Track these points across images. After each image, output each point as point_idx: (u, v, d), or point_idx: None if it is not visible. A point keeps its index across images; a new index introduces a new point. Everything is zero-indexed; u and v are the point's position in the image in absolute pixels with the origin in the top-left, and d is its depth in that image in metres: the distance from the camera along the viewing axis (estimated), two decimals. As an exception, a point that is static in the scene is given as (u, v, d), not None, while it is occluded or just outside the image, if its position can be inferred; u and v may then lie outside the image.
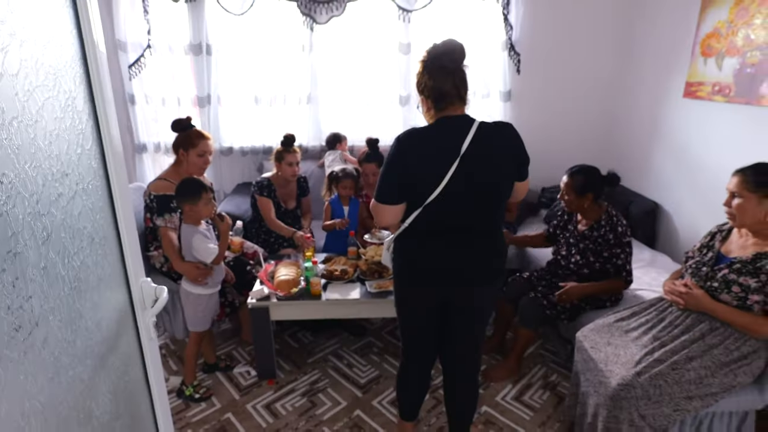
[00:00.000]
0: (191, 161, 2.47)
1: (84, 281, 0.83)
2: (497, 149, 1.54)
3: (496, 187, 1.56)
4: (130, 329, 1.04)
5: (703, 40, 2.85)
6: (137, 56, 3.54)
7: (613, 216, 2.27)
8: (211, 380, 2.45)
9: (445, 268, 1.61)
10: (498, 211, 1.63)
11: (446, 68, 1.52)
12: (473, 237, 1.60)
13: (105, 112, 0.93)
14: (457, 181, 1.49)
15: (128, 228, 1.01)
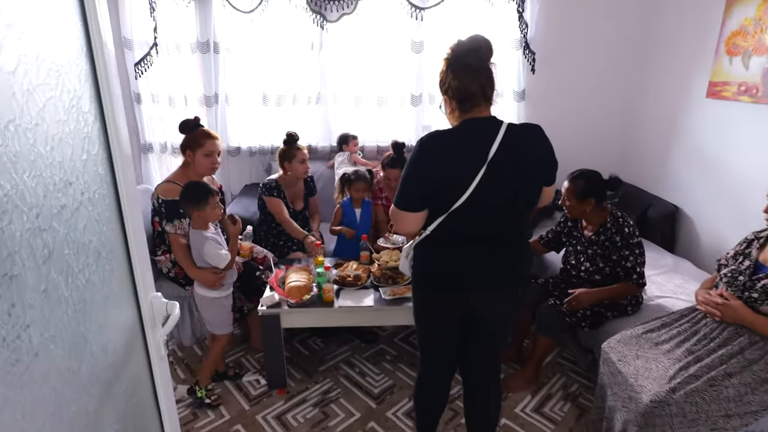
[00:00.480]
0: (198, 162, 2.39)
1: (89, 301, 0.75)
2: (526, 153, 1.45)
3: (526, 193, 1.49)
4: (140, 349, 0.96)
5: (729, 38, 2.74)
6: (143, 54, 3.46)
7: (618, 218, 2.20)
8: (221, 389, 2.37)
9: (469, 275, 1.53)
10: (525, 216, 1.56)
11: (471, 66, 1.43)
12: (499, 243, 1.52)
13: (113, 112, 0.84)
14: (484, 187, 1.41)
15: (137, 239, 0.93)
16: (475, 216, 1.46)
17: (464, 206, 1.43)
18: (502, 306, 1.62)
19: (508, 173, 1.43)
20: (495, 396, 1.79)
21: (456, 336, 1.67)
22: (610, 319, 2.28)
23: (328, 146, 3.74)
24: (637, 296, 2.30)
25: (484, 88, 1.44)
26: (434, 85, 3.59)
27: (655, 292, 2.49)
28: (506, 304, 1.64)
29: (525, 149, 1.45)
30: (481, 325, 1.65)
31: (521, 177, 1.45)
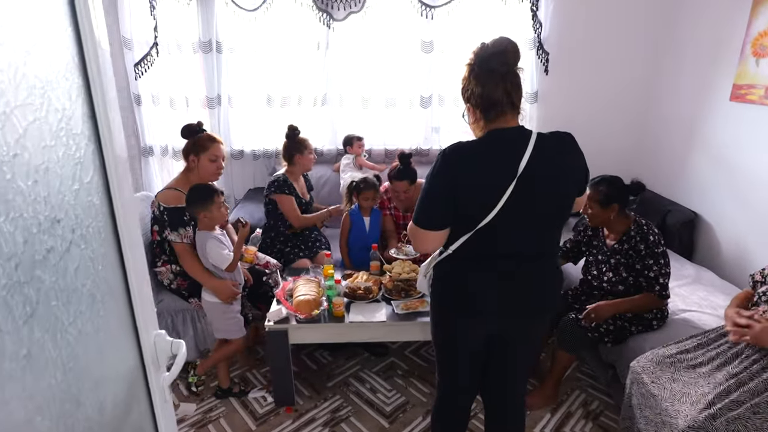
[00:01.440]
0: (203, 167, 2.29)
1: (82, 357, 0.64)
2: (559, 166, 1.35)
3: (558, 208, 1.39)
4: (141, 395, 0.85)
5: (755, 39, 2.63)
6: (143, 54, 3.35)
7: (643, 225, 2.09)
8: (225, 407, 2.27)
9: (494, 298, 1.42)
10: (557, 233, 1.46)
11: (496, 72, 1.32)
12: (529, 262, 1.41)
13: (110, 132, 0.73)
14: (513, 203, 1.30)
15: (138, 273, 0.82)
16: (504, 234, 1.35)
17: (491, 224, 1.32)
18: (530, 331, 1.52)
19: (540, 187, 1.32)
20: (519, 421, 1.69)
21: (479, 359, 1.57)
22: (634, 334, 2.18)
23: (335, 149, 3.63)
24: (663, 309, 2.19)
25: (510, 95, 1.33)
26: (444, 86, 3.51)
27: (680, 305, 2.38)
28: (535, 329, 1.53)
29: (557, 161, 1.34)
30: (506, 350, 1.54)
31: (554, 191, 1.35)
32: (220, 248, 2.10)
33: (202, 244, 2.12)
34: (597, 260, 2.26)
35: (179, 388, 2.39)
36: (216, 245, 2.10)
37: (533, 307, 1.46)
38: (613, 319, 2.14)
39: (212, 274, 2.16)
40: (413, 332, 2.21)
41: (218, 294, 2.14)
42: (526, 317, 1.47)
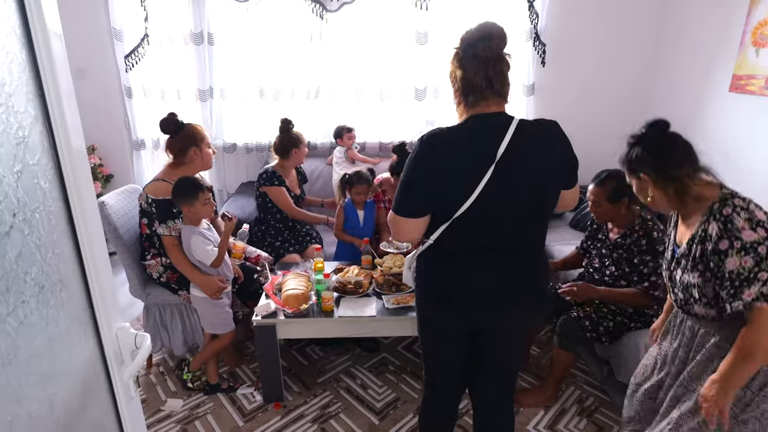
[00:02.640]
0: (206, 155, 2.29)
1: (24, 349, 0.60)
2: (540, 153, 1.29)
3: (539, 198, 1.33)
4: (103, 393, 0.81)
5: (755, 29, 2.57)
6: (134, 46, 3.30)
7: (648, 221, 2.04)
8: (213, 403, 2.23)
9: (475, 292, 1.37)
10: (541, 225, 1.40)
11: (479, 57, 1.27)
12: (510, 255, 1.35)
13: (61, 111, 0.69)
14: (492, 191, 1.26)
15: (97, 263, 0.77)
16: (483, 224, 1.31)
17: (469, 213, 1.27)
18: (512, 327, 1.47)
19: (519, 175, 1.27)
20: (508, 417, 1.64)
21: (463, 354, 1.53)
22: (631, 330, 2.13)
23: (329, 143, 3.58)
24: (661, 307, 2.14)
25: (492, 80, 1.28)
26: (439, 78, 3.46)
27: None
28: (517, 326, 1.48)
29: (537, 148, 1.29)
30: (490, 344, 1.50)
31: (534, 179, 1.29)
32: (204, 244, 2.07)
33: (186, 239, 2.08)
34: (600, 254, 2.22)
35: (167, 384, 2.36)
36: (200, 241, 2.07)
37: (514, 302, 1.41)
38: (613, 315, 2.10)
39: (198, 269, 2.12)
40: (404, 327, 2.17)
41: (204, 289, 2.11)
42: (506, 312, 1.42)
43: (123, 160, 3.62)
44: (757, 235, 1.19)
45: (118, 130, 3.55)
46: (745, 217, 1.22)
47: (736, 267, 1.20)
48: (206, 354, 2.27)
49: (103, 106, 3.47)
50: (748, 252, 1.19)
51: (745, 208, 1.24)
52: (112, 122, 3.52)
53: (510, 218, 1.32)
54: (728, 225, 1.22)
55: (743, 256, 1.19)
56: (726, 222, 1.23)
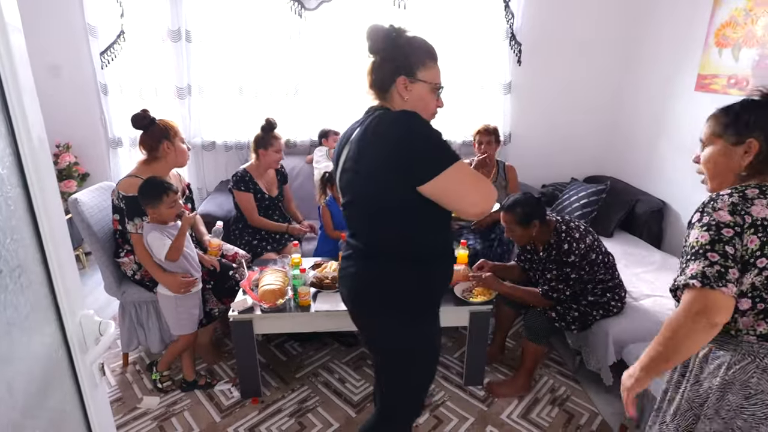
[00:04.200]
0: (179, 150, 2.26)
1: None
2: (369, 151, 1.22)
3: (369, 195, 1.27)
4: (66, 379, 0.82)
5: (718, 30, 2.67)
6: (110, 42, 3.27)
7: (561, 233, 2.08)
8: (190, 399, 2.23)
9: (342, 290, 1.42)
10: (381, 229, 1.28)
11: (369, 53, 1.32)
12: (357, 256, 1.34)
13: (19, 98, 0.70)
14: (342, 185, 1.34)
15: (59, 250, 0.78)
16: (347, 218, 1.38)
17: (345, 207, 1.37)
18: (378, 337, 1.40)
19: (354, 171, 1.26)
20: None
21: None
22: (597, 320, 2.20)
23: (308, 141, 3.59)
24: (621, 296, 2.21)
25: (372, 75, 1.32)
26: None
27: (645, 291, 2.42)
28: (384, 338, 1.37)
29: (370, 145, 1.22)
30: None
31: (363, 177, 1.25)
32: (160, 239, 2.05)
33: (145, 234, 2.07)
34: (536, 272, 2.27)
35: (143, 382, 2.35)
36: (156, 237, 2.05)
37: (355, 310, 1.41)
38: (577, 304, 2.17)
39: (162, 267, 2.11)
40: (380, 321, 2.20)
41: (168, 287, 2.11)
42: (359, 316, 1.42)
43: (99, 159, 3.58)
44: (731, 219, 1.07)
45: (94, 127, 3.51)
46: (732, 201, 1.09)
47: (693, 240, 1.09)
48: (170, 355, 2.27)
49: (79, 104, 3.43)
50: (710, 229, 1.07)
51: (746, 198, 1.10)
52: (87, 120, 3.48)
53: (353, 215, 1.36)
54: (710, 202, 1.11)
55: (703, 231, 1.07)
56: (712, 200, 1.12)
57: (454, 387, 2.32)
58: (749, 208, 1.08)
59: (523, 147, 3.72)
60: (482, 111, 3.62)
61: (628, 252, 2.87)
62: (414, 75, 1.26)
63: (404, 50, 1.26)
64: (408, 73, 1.26)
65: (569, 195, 3.31)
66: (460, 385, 2.34)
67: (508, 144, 3.71)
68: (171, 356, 2.28)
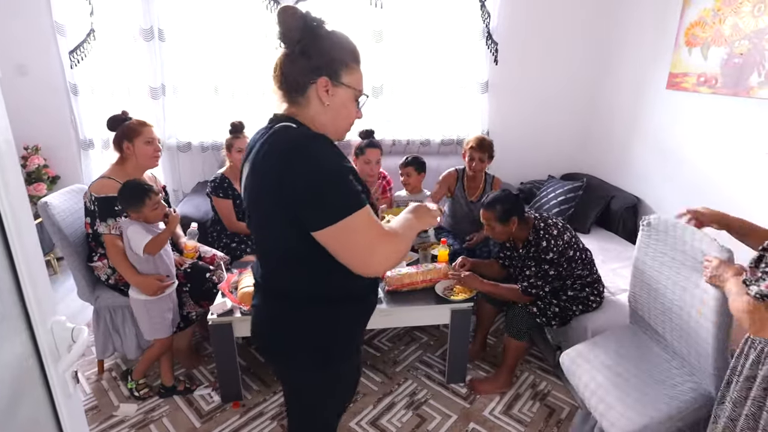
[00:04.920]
0: (140, 152, 2.18)
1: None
2: (263, 180, 1.03)
3: (263, 227, 1.11)
4: (37, 388, 0.79)
5: (688, 29, 2.74)
6: (79, 41, 3.18)
7: (540, 230, 2.12)
8: (169, 405, 2.18)
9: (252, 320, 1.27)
10: (285, 268, 1.11)
11: (281, 42, 1.07)
12: (266, 289, 1.19)
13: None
14: (245, 204, 1.14)
15: (27, 255, 0.75)
16: (254, 243, 1.22)
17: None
18: (286, 370, 1.25)
19: (247, 195, 1.10)
20: None
21: None
22: (576, 315, 2.24)
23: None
24: (600, 291, 2.26)
25: (280, 71, 1.07)
26: (397, 76, 3.50)
27: (621, 286, 2.46)
28: (292, 372, 1.24)
29: (263, 164, 1.03)
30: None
31: (255, 204, 1.09)
32: (141, 234, 2.01)
33: (124, 230, 2.03)
34: (516, 270, 2.29)
35: (120, 389, 2.29)
36: (137, 230, 2.01)
37: (265, 346, 1.26)
38: (557, 299, 2.20)
39: (135, 269, 2.07)
40: (362, 321, 2.19)
41: (142, 289, 2.05)
42: (264, 353, 1.35)
43: (70, 161, 3.48)
44: None
45: (65, 129, 3.40)
46: None
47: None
48: (146, 362, 2.22)
49: (48, 105, 3.33)
50: None
51: None
52: (57, 121, 3.38)
53: (257, 241, 1.18)
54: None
55: None
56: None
57: (436, 385, 2.33)
58: None
59: (500, 145, 3.72)
60: (460, 110, 3.65)
61: (605, 248, 2.93)
62: (338, 77, 1.06)
63: (326, 46, 1.04)
64: (331, 75, 1.05)
65: (546, 192, 3.36)
66: (443, 383, 2.34)
67: (487, 142, 3.74)
68: (147, 363, 2.23)
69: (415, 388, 2.31)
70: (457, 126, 3.71)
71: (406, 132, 3.66)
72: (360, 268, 1.01)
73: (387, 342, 2.68)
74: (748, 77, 2.36)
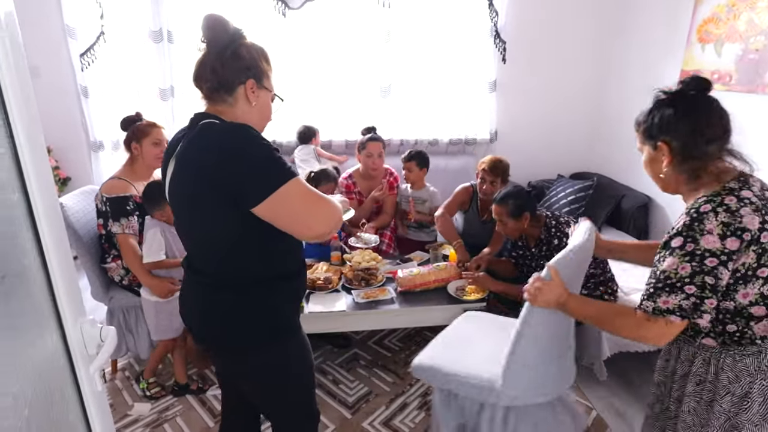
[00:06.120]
0: (147, 152, 2.21)
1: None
2: (195, 169, 1.08)
3: (198, 219, 1.15)
4: (68, 388, 0.80)
5: (700, 26, 2.73)
6: (90, 44, 3.20)
7: (551, 228, 2.12)
8: (182, 405, 2.19)
9: (188, 321, 1.31)
10: (217, 256, 1.16)
11: (208, 45, 1.15)
12: (197, 283, 1.22)
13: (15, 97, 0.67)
14: (171, 204, 1.21)
15: (59, 255, 0.76)
16: (182, 240, 1.27)
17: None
18: (235, 367, 1.31)
19: (178, 188, 1.15)
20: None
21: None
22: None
23: (293, 142, 3.56)
24: (614, 289, 2.25)
25: (209, 71, 1.14)
26: (404, 75, 3.50)
27: (634, 285, 2.45)
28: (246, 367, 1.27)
29: (192, 153, 1.09)
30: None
31: (186, 193, 1.14)
32: (158, 241, 2.04)
33: (147, 229, 2.06)
34: (530, 268, 2.28)
35: (133, 388, 2.30)
36: (154, 236, 2.04)
37: (205, 340, 1.30)
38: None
39: (149, 271, 2.09)
40: (374, 321, 2.20)
41: (153, 290, 2.09)
42: (214, 353, 1.34)
43: (81, 162, 3.50)
44: (720, 245, 1.00)
45: (75, 131, 3.42)
46: (722, 220, 1.00)
47: (670, 268, 1.04)
48: (153, 362, 2.27)
49: (59, 107, 3.35)
50: (693, 259, 1.01)
51: (732, 211, 1.01)
52: (68, 123, 3.40)
53: (184, 239, 1.25)
54: (694, 224, 1.02)
55: (684, 261, 1.02)
56: (695, 220, 1.02)
57: (449, 384, 2.33)
58: (741, 223, 1.00)
59: (509, 144, 3.75)
60: (469, 109, 3.65)
61: (616, 246, 2.92)
62: (261, 80, 1.16)
63: (251, 51, 1.15)
64: (257, 78, 1.15)
65: (556, 191, 3.35)
66: (455, 382, 2.34)
67: (495, 142, 3.74)
68: (154, 363, 2.27)
69: (428, 388, 2.31)
70: (465, 125, 3.70)
71: (414, 132, 3.66)
72: (304, 232, 1.11)
73: (398, 342, 2.68)
74: (764, 73, 2.35)
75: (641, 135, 1.18)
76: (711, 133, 1.08)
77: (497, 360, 1.52)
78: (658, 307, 1.06)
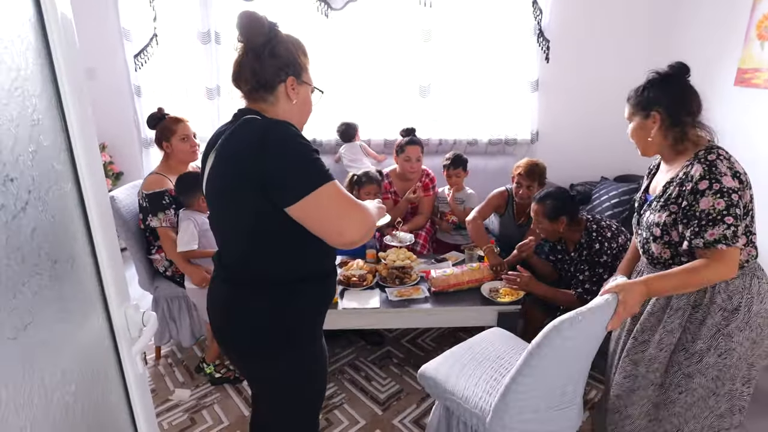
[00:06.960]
0: (177, 149, 2.32)
1: (36, 323, 0.63)
2: (234, 163, 1.08)
3: (234, 214, 1.15)
4: (111, 368, 0.85)
5: (760, 22, 2.57)
6: (143, 45, 3.36)
7: (592, 232, 2.05)
8: (220, 393, 2.28)
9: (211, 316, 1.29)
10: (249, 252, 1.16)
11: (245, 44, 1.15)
12: (225, 279, 1.23)
13: (70, 98, 0.72)
14: (207, 197, 1.22)
15: (107, 243, 0.81)
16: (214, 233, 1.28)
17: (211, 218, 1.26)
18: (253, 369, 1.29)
19: (213, 179, 1.16)
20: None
21: None
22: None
23: (334, 140, 3.62)
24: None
25: (248, 71, 1.14)
26: (444, 75, 3.48)
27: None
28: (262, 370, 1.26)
29: (233, 147, 1.10)
30: None
31: (224, 187, 1.14)
32: (190, 232, 2.12)
33: (181, 220, 2.16)
34: (569, 273, 2.22)
35: (175, 375, 2.41)
36: (186, 228, 2.12)
37: (222, 337, 1.28)
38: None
39: (187, 259, 2.17)
40: (407, 319, 2.21)
41: (190, 278, 2.17)
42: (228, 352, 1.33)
43: (133, 158, 3.69)
44: (735, 183, 1.28)
45: (128, 128, 3.61)
46: (727, 165, 1.30)
47: (708, 207, 1.28)
48: (211, 345, 2.33)
49: (114, 105, 3.54)
50: (723, 195, 1.26)
51: (727, 158, 1.32)
52: (121, 121, 3.59)
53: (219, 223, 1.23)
54: (712, 168, 1.29)
55: (717, 198, 1.27)
56: (710, 165, 1.30)
57: (481, 387, 2.31)
58: (735, 168, 1.31)
59: (551, 145, 3.66)
60: (509, 109, 3.59)
61: (661, 253, 2.80)
62: (300, 75, 1.17)
63: (288, 47, 1.15)
64: (296, 74, 1.15)
65: (599, 194, 3.25)
66: (488, 385, 2.31)
67: (536, 143, 3.66)
68: (212, 344, 2.33)
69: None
70: (505, 125, 3.64)
71: (453, 131, 3.64)
72: (335, 238, 1.08)
73: (431, 342, 2.68)
74: (827, 73, 2.19)
75: (633, 107, 1.49)
76: (690, 106, 1.41)
77: (497, 389, 1.48)
78: (707, 241, 1.27)
